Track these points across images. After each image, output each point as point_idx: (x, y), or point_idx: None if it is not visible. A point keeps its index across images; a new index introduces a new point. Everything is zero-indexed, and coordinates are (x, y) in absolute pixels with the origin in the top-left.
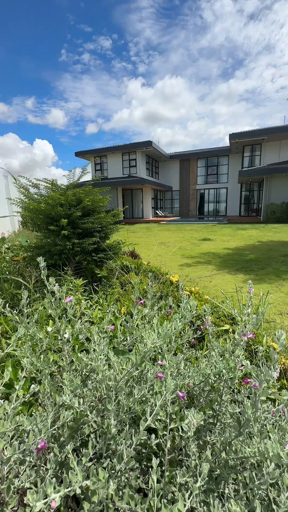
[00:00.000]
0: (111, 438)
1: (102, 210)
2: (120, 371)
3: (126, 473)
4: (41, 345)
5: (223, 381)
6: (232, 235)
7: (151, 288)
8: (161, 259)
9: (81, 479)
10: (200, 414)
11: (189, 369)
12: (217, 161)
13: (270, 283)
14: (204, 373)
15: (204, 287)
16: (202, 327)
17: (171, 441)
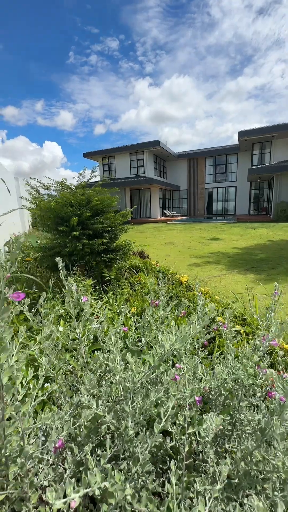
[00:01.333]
0: (128, 440)
1: (111, 211)
2: (137, 372)
3: (143, 475)
4: (57, 344)
5: (241, 386)
6: (242, 234)
7: (162, 289)
8: (170, 259)
9: (100, 481)
10: (220, 418)
11: (205, 372)
12: (226, 160)
13: (281, 283)
14: (221, 377)
15: (213, 287)
16: (215, 328)
17: (188, 445)
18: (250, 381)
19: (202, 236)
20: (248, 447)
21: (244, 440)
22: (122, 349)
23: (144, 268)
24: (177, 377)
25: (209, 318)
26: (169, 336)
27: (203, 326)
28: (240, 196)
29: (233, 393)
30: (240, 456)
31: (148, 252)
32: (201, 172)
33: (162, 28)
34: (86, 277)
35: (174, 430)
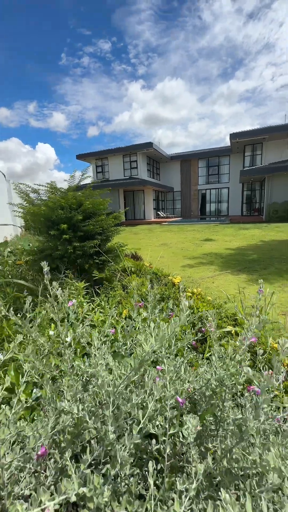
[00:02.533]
0: (108, 444)
1: (103, 213)
2: (119, 375)
3: (126, 479)
4: (43, 349)
5: (224, 386)
6: (234, 235)
7: (151, 291)
8: (164, 261)
9: (77, 487)
10: (196, 420)
11: (189, 373)
12: (218, 161)
13: (273, 283)
14: (205, 378)
15: (206, 288)
16: (203, 329)
17: (172, 447)
18: (233, 380)
19: (196, 237)
20: (227, 444)
21: (228, 439)
22: (111, 352)
23: (137, 270)
24: (157, 379)
25: (197, 318)
26: (148, 337)
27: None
28: (233, 197)
29: (217, 393)
30: (220, 454)
31: (142, 253)
32: (194, 174)
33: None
34: (78, 280)
35: (157, 432)
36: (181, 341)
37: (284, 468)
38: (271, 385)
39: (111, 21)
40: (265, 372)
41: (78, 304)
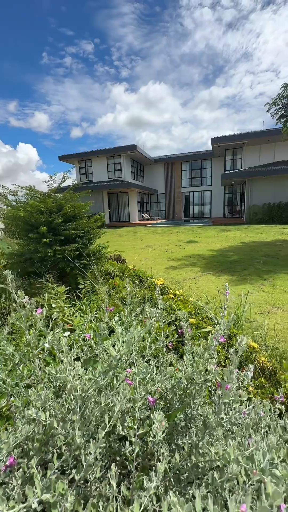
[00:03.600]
0: (76, 448)
1: (84, 216)
2: (87, 380)
3: (96, 482)
4: (13, 359)
5: (194, 384)
6: (217, 237)
7: (129, 295)
8: (148, 263)
9: (40, 493)
10: (161, 416)
11: (161, 374)
12: (201, 165)
13: (252, 283)
14: (176, 377)
15: (189, 289)
16: (180, 330)
17: (144, 447)
18: (202, 378)
19: (180, 239)
20: (194, 440)
21: (193, 437)
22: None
23: (120, 272)
24: (130, 382)
25: (178, 320)
26: (116, 341)
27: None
28: (215, 200)
29: (187, 391)
30: (187, 450)
31: (126, 256)
32: (177, 176)
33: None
34: (59, 284)
35: (126, 434)
36: (163, 342)
37: (241, 458)
38: (231, 381)
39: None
40: (235, 370)
41: (59, 309)
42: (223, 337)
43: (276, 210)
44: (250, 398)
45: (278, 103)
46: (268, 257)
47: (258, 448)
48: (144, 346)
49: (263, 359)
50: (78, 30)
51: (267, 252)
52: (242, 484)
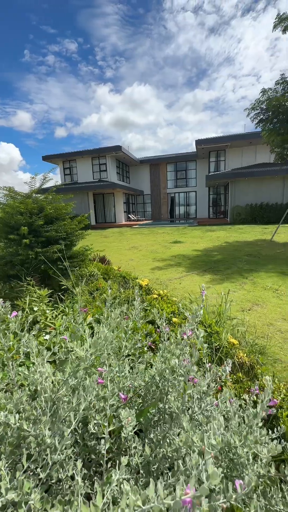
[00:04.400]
0: (45, 448)
1: (67, 217)
2: (56, 381)
3: (68, 480)
4: None
5: (166, 380)
6: (202, 237)
7: (108, 297)
8: (133, 264)
9: (4, 492)
10: (127, 412)
11: (135, 372)
12: (186, 166)
13: (234, 281)
14: (149, 374)
15: (173, 289)
16: (158, 330)
17: (118, 442)
18: (173, 374)
19: (165, 239)
20: (162, 431)
21: (158, 429)
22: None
23: (105, 274)
24: (101, 381)
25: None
26: (84, 343)
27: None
28: (200, 201)
29: (160, 387)
30: (156, 442)
31: (112, 257)
32: (163, 177)
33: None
34: (41, 287)
35: (96, 430)
36: (140, 342)
37: (201, 442)
38: (192, 373)
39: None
40: (208, 364)
41: (41, 312)
42: (191, 331)
43: (258, 211)
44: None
45: (257, 108)
46: (250, 256)
47: (215, 433)
48: (121, 346)
49: (242, 354)
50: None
51: (249, 252)
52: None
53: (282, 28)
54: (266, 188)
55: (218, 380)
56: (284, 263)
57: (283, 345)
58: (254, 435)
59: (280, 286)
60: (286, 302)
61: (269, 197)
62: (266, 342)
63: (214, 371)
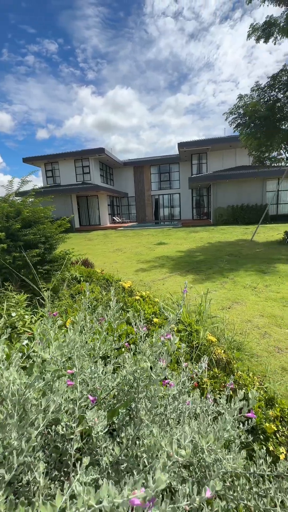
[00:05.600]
0: (11, 451)
1: (46, 221)
2: (22, 385)
3: (37, 483)
4: None
5: (137, 379)
6: (185, 238)
7: (85, 299)
8: (117, 266)
9: None
10: (93, 412)
11: (106, 373)
12: (169, 168)
13: (215, 281)
14: (121, 374)
15: (157, 289)
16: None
17: (88, 443)
18: (144, 374)
19: (150, 241)
20: (132, 432)
21: (128, 429)
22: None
23: (87, 277)
24: (70, 383)
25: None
26: (49, 346)
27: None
28: (184, 202)
29: (133, 387)
30: (125, 442)
31: (96, 260)
32: (147, 180)
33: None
34: (20, 292)
35: (65, 432)
36: (115, 343)
37: (168, 443)
38: (160, 374)
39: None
40: (185, 364)
41: (18, 318)
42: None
43: (239, 212)
44: (203, 388)
45: (234, 113)
46: (231, 256)
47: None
48: (94, 347)
49: (219, 351)
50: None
51: (230, 252)
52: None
53: (255, 37)
54: (246, 190)
55: (194, 377)
56: (263, 261)
57: (260, 341)
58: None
59: (258, 284)
60: (263, 299)
61: (249, 198)
62: (244, 338)
63: (190, 368)
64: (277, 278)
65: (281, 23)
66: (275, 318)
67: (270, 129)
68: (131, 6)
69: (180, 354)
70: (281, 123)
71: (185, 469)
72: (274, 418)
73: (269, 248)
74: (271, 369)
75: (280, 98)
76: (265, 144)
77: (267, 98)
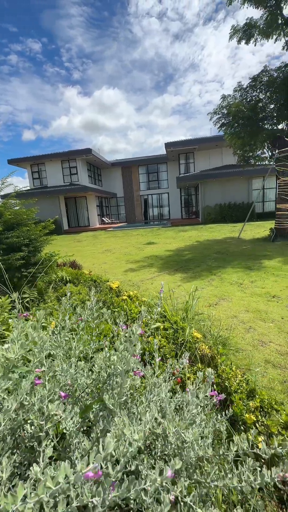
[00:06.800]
0: None
1: (30, 223)
2: None
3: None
4: None
5: (110, 375)
6: (174, 237)
7: (64, 299)
8: (106, 267)
9: None
10: (55, 405)
11: (77, 370)
12: (157, 168)
13: (203, 279)
14: (95, 371)
15: (145, 289)
16: (115, 329)
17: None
18: (112, 370)
19: (139, 241)
20: (102, 424)
21: (100, 423)
22: None
23: (75, 278)
24: (38, 382)
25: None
26: (12, 345)
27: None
28: (173, 202)
29: (107, 383)
30: (94, 435)
31: (85, 261)
32: (135, 180)
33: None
34: (4, 295)
35: (33, 430)
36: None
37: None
38: (129, 368)
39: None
40: (158, 359)
41: (1, 322)
42: (142, 330)
43: (227, 210)
44: (185, 383)
45: (218, 113)
46: (218, 253)
47: None
48: (70, 347)
49: (204, 347)
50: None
51: (218, 249)
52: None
53: (237, 38)
54: (233, 189)
55: (175, 373)
56: (249, 258)
57: (244, 335)
58: (184, 422)
59: (244, 280)
60: (249, 295)
61: (236, 197)
62: (229, 334)
63: (172, 364)
64: (263, 274)
65: (260, 25)
66: (259, 313)
67: (253, 129)
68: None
69: (165, 351)
70: (264, 122)
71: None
72: (254, 408)
73: (255, 245)
74: (254, 362)
75: (262, 98)
76: (248, 143)
77: (250, 98)
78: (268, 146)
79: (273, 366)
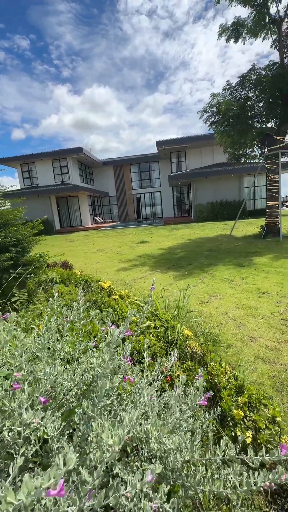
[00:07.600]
0: None
1: (17, 223)
2: None
3: None
4: None
5: (96, 377)
6: (167, 236)
7: (51, 300)
8: (98, 266)
9: None
10: (31, 413)
11: (57, 373)
12: (149, 167)
13: (195, 276)
14: (79, 373)
15: (138, 288)
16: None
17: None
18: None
19: (132, 240)
20: (83, 429)
21: (82, 426)
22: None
23: (66, 279)
24: (17, 386)
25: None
26: None
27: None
28: (165, 200)
29: (92, 385)
30: (75, 439)
31: (77, 261)
32: (127, 179)
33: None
34: None
35: (9, 437)
36: (80, 343)
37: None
38: (109, 369)
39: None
40: (148, 358)
41: None
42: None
43: (218, 208)
44: (155, 385)
45: (208, 111)
46: (210, 251)
47: None
48: (54, 348)
49: (194, 344)
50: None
51: (210, 247)
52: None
53: (225, 37)
54: (224, 187)
55: (164, 371)
56: (240, 255)
57: (235, 331)
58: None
59: (235, 277)
60: (240, 292)
61: (228, 194)
62: (220, 330)
63: (160, 363)
64: (253, 270)
65: (248, 24)
66: (250, 309)
67: (243, 127)
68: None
69: (155, 349)
70: (253, 121)
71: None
72: (242, 404)
73: (246, 242)
74: (244, 357)
75: (251, 96)
76: (238, 141)
77: (239, 96)
78: (257, 144)
79: (262, 361)
